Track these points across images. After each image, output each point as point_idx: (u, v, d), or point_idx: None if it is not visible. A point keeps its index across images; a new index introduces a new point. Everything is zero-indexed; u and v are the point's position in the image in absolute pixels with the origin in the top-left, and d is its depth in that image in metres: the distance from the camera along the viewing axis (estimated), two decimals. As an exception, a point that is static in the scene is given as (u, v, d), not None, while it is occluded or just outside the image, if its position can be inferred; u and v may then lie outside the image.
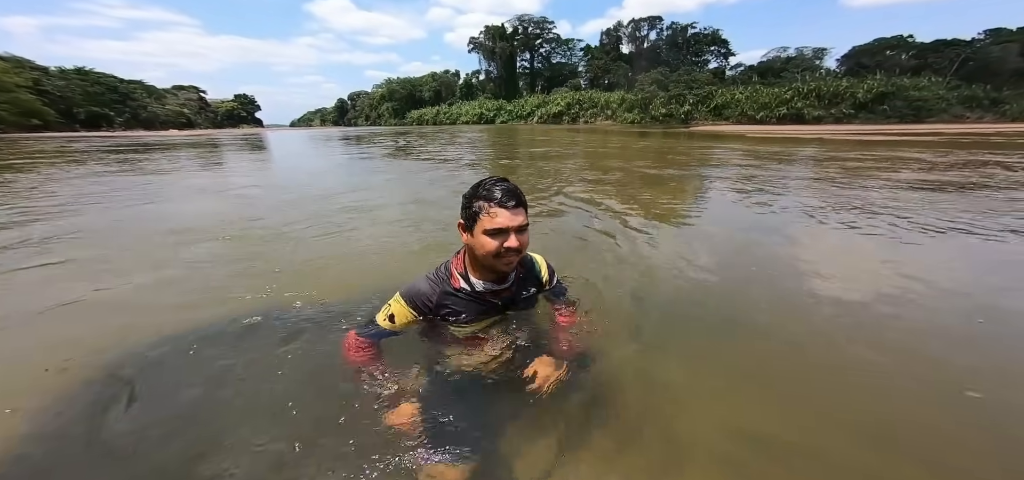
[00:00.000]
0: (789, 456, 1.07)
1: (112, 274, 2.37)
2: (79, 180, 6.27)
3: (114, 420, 1.19)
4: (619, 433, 1.13)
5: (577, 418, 1.17)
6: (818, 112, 32.31)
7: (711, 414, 1.22)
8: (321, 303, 1.84)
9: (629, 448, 1.08)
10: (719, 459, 1.05)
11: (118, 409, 1.23)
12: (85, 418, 1.20)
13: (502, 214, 1.07)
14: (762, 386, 1.36)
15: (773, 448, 1.09)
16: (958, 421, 1.19)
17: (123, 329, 1.70)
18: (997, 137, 14.99)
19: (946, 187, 4.81)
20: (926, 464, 1.04)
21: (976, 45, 36.59)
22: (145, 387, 1.33)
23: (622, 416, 1.20)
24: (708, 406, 1.26)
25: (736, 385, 1.37)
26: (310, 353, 1.46)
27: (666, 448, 1.09)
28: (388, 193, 5.24)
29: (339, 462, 1.00)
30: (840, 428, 1.16)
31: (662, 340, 1.62)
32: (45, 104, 36.28)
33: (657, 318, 1.81)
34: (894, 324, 1.75)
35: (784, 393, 1.32)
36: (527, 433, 1.11)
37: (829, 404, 1.26)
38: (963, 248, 2.75)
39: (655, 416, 1.21)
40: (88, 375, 1.38)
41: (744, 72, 47.82)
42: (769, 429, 1.15)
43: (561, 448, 1.07)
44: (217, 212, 4.10)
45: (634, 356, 1.48)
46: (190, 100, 62.03)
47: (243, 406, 1.23)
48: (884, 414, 1.21)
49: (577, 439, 1.11)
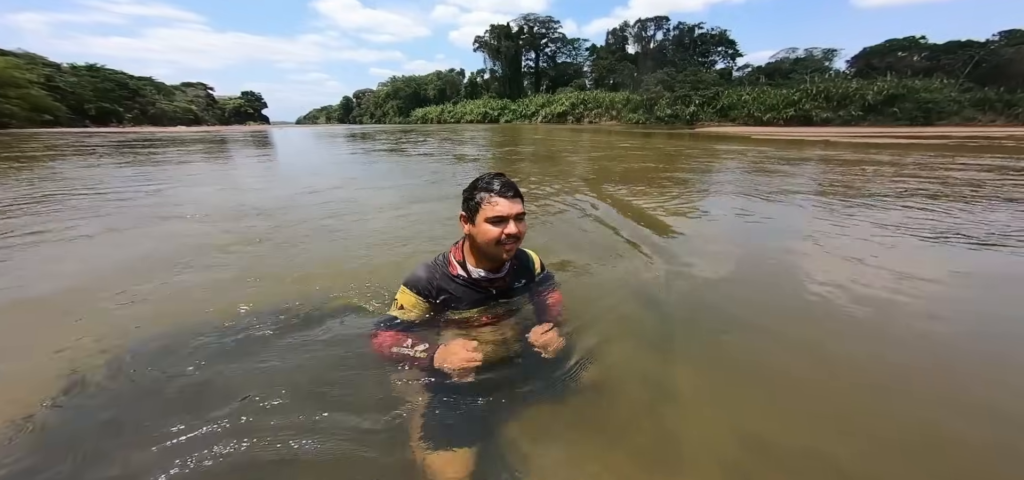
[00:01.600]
0: (789, 459, 1.06)
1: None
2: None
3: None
4: (617, 432, 1.14)
5: (575, 414, 1.18)
6: (826, 114, 31.94)
7: (711, 415, 1.22)
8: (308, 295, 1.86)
9: (627, 447, 1.09)
10: (718, 461, 1.05)
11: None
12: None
13: (502, 203, 1.17)
14: (762, 388, 1.36)
15: (773, 451, 1.09)
16: (962, 427, 1.17)
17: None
18: (1008, 140, 14.71)
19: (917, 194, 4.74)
20: (928, 471, 1.03)
21: (990, 46, 35.94)
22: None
23: (620, 415, 1.20)
24: (708, 407, 1.26)
25: (736, 387, 1.37)
26: (319, 342, 1.48)
27: (665, 448, 1.09)
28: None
29: (338, 453, 1.01)
30: (840, 432, 1.16)
31: (662, 341, 1.62)
32: (56, 100, 36.86)
33: (657, 318, 1.81)
34: (896, 329, 1.74)
35: (784, 396, 1.32)
36: (525, 425, 1.12)
37: (829, 408, 1.26)
38: (962, 254, 2.72)
39: (654, 416, 1.21)
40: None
41: (751, 73, 47.37)
42: (769, 432, 1.15)
43: (559, 441, 1.08)
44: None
45: (634, 355, 1.49)
46: (198, 97, 62.65)
47: (236, 399, 1.23)
48: (885, 419, 1.20)
49: (575, 435, 1.11)
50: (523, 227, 1.23)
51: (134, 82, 49.45)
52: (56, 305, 1.93)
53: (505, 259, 1.26)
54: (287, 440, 1.05)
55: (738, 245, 2.95)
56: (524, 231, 1.23)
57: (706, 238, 3.10)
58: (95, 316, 1.81)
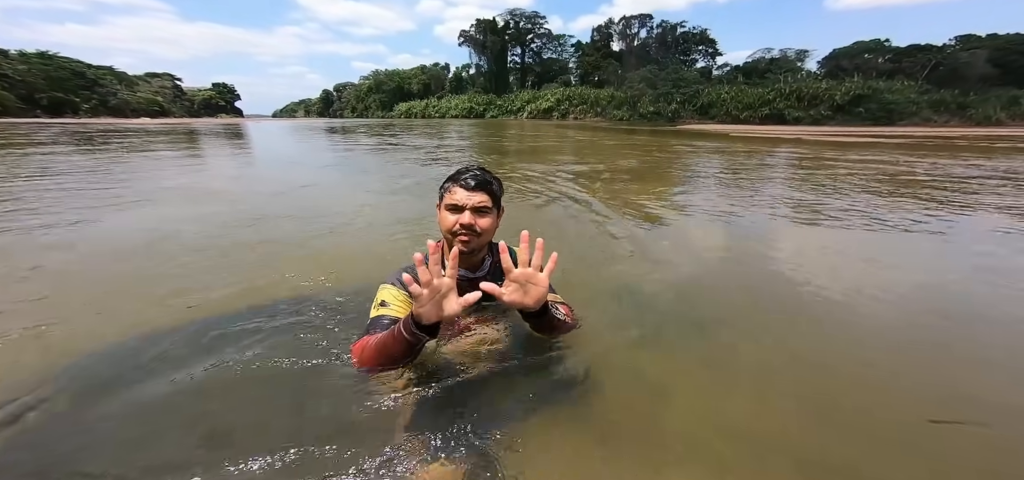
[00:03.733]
0: (772, 454, 1.08)
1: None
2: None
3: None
4: (605, 429, 1.15)
5: (564, 415, 1.18)
6: (798, 113, 33.45)
7: (698, 411, 1.24)
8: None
9: (616, 444, 1.09)
10: (706, 456, 1.07)
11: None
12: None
13: (459, 192, 1.17)
14: (747, 383, 1.38)
15: (757, 446, 1.10)
16: (947, 418, 1.20)
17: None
18: (961, 141, 15.83)
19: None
20: (912, 463, 1.06)
21: (947, 51, 38.29)
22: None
23: (608, 412, 1.21)
24: (695, 403, 1.28)
25: (722, 382, 1.40)
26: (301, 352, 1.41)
27: (653, 445, 1.10)
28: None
29: (327, 464, 0.97)
30: (826, 426, 1.17)
31: (651, 338, 1.64)
32: (3, 88, 34.36)
33: (645, 316, 1.85)
34: (882, 322, 1.82)
35: (775, 392, 1.34)
36: (515, 428, 1.11)
37: (814, 402, 1.28)
38: (936, 246, 3.02)
39: (641, 412, 1.22)
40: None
41: (730, 72, 48.86)
42: (754, 426, 1.17)
43: (547, 443, 1.08)
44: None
45: (621, 352, 1.50)
46: (164, 88, 59.48)
47: (226, 409, 1.18)
48: (871, 413, 1.23)
49: (563, 434, 1.11)
50: (484, 222, 1.18)
51: (92, 71, 46.56)
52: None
53: (462, 250, 1.15)
54: (269, 457, 0.98)
55: (722, 241, 3.09)
56: (486, 227, 1.18)
57: (691, 234, 3.23)
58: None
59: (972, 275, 2.48)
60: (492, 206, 1.21)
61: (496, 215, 1.24)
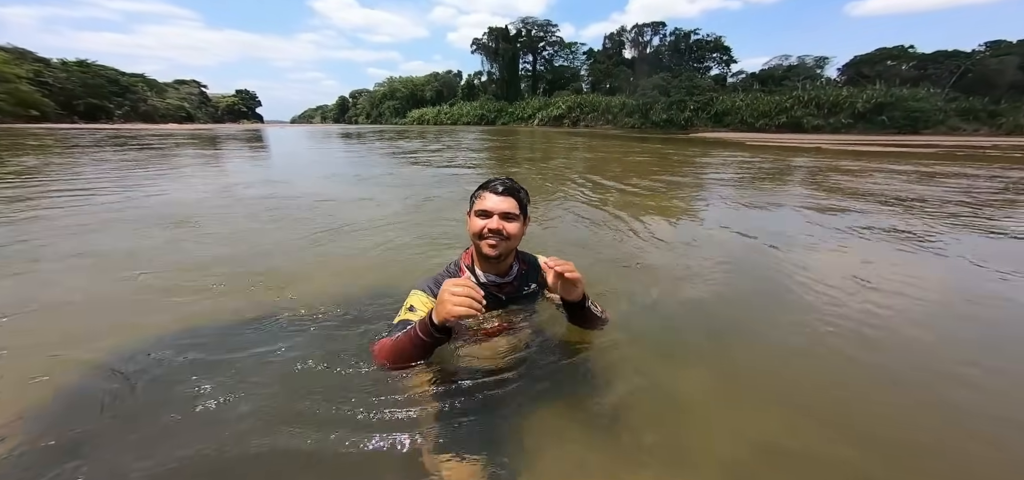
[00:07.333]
0: (795, 465, 1.08)
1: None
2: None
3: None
4: (624, 438, 1.16)
5: (584, 420, 1.20)
6: (817, 121, 32.53)
7: (718, 422, 1.24)
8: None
9: (636, 451, 1.11)
10: (726, 468, 1.07)
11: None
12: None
13: (489, 198, 1.23)
14: (768, 394, 1.38)
15: (779, 457, 1.10)
16: (969, 430, 1.20)
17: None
18: (993, 150, 15.12)
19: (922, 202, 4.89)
20: (933, 475, 1.06)
21: (976, 57, 36.85)
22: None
23: (626, 421, 1.22)
24: (715, 414, 1.28)
25: (742, 393, 1.39)
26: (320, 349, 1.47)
27: (673, 454, 1.11)
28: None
29: (353, 459, 1.02)
30: (846, 438, 1.17)
31: (668, 346, 1.64)
32: (44, 96, 36.19)
33: (662, 323, 1.83)
34: (901, 333, 1.77)
35: (790, 402, 1.34)
36: (536, 432, 1.14)
37: (835, 414, 1.28)
38: (957, 261, 2.82)
39: (661, 423, 1.23)
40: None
41: (745, 79, 48.03)
42: (776, 438, 1.17)
43: (569, 447, 1.10)
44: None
45: (641, 361, 1.50)
46: (191, 94, 61.80)
47: (249, 409, 1.21)
48: (890, 425, 1.23)
49: (585, 441, 1.13)
50: (512, 227, 1.22)
51: (125, 79, 48.66)
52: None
53: (489, 254, 1.23)
54: (295, 452, 1.04)
55: (738, 249, 3.01)
56: (514, 232, 1.23)
57: (707, 243, 3.16)
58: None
59: (1015, 296, 2.24)
60: (519, 212, 1.26)
61: (523, 222, 1.29)
